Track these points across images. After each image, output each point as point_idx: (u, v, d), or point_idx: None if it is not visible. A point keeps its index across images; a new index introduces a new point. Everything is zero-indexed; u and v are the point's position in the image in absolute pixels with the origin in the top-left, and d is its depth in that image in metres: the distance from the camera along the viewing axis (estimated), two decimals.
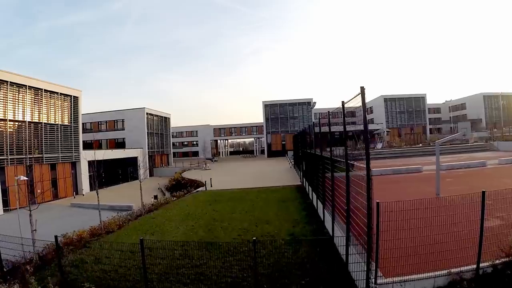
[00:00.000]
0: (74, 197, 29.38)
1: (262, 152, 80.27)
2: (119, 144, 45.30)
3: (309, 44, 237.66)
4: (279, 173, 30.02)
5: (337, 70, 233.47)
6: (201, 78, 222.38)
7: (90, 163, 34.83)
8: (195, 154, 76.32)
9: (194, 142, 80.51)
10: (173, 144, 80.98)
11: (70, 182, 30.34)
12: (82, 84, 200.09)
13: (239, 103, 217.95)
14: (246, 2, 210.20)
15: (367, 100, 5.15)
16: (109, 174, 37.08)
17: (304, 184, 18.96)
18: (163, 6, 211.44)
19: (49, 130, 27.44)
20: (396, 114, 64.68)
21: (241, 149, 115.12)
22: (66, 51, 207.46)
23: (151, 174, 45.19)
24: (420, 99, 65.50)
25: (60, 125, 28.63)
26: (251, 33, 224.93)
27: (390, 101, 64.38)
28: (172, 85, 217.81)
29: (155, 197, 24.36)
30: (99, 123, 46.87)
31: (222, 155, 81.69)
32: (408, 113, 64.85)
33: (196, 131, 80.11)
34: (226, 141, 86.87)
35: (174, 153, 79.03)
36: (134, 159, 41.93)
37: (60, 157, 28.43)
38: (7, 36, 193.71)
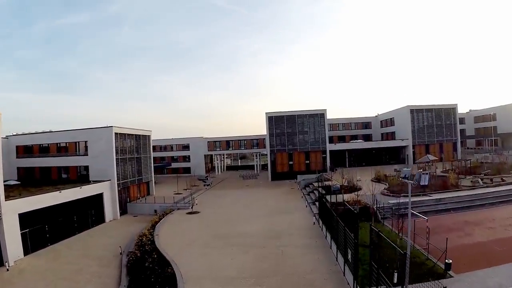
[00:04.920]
0: None
1: (263, 167, 70.08)
2: (82, 171, 34.87)
3: (317, 48, 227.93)
4: (301, 241, 19.89)
5: (346, 75, 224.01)
6: (201, 82, 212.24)
7: (26, 214, 24.23)
8: (187, 170, 65.88)
9: (186, 157, 70.13)
10: (162, 158, 70.43)
11: None
12: (80, 86, 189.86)
13: (238, 112, 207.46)
14: (246, 3, 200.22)
15: (385, 111, 0.68)
16: (60, 223, 26.55)
17: None
18: (160, 8, 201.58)
19: None
20: (424, 128, 54.53)
21: (239, 161, 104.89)
22: (64, 53, 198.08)
23: (123, 212, 34.75)
24: (451, 110, 55.42)
25: None
26: (251, 36, 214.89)
27: (417, 113, 54.20)
28: (170, 88, 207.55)
29: None
30: (58, 144, 36.38)
31: (218, 171, 71.22)
32: (438, 126, 54.75)
33: (188, 144, 69.66)
34: (222, 155, 76.41)
35: (163, 169, 68.53)
36: (99, 197, 31.52)
37: None
38: (5, 37, 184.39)
